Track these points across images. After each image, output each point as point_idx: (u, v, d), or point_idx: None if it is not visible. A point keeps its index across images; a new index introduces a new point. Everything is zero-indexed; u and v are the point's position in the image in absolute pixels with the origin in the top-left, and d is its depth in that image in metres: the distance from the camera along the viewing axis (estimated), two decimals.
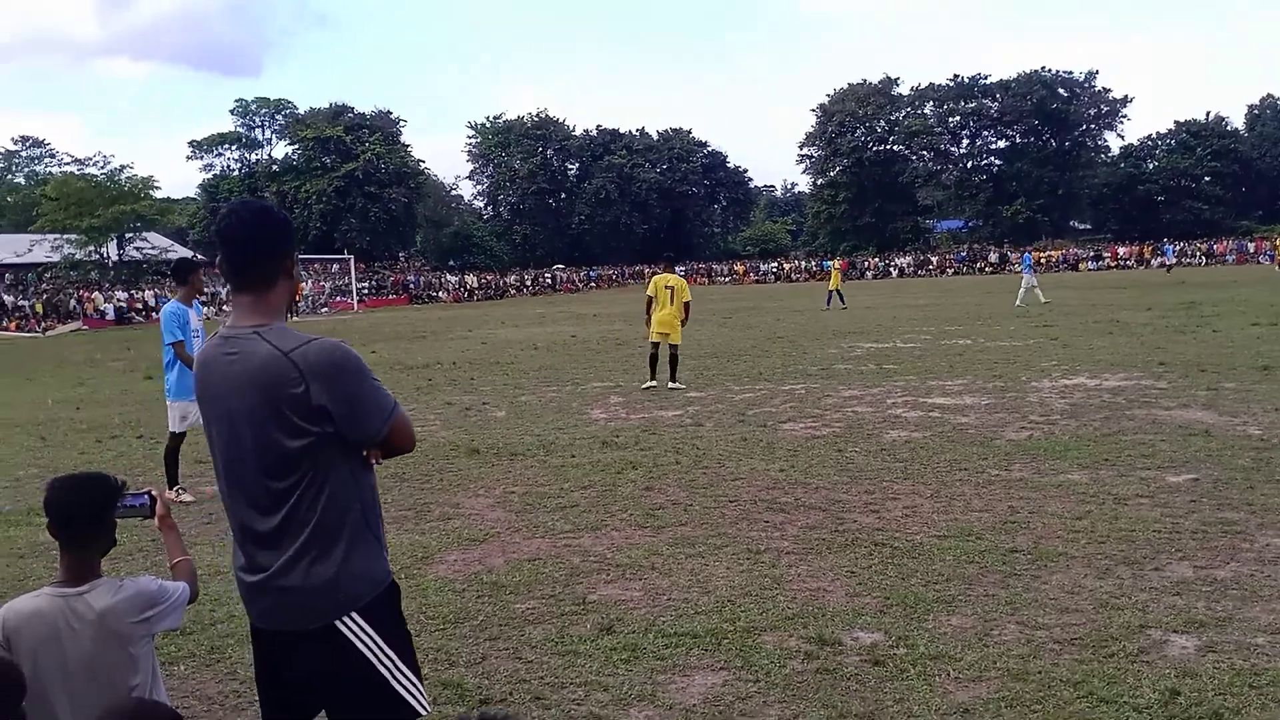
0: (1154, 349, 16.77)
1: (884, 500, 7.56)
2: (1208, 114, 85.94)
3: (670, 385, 14.31)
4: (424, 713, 2.96)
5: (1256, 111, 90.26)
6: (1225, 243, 69.75)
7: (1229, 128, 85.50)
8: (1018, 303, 30.89)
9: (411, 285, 66.23)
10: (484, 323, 35.57)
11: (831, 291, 34.71)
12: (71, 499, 2.95)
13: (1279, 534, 6.26)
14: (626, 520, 7.30)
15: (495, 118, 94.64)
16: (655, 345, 14.67)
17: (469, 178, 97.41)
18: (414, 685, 2.92)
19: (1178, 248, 64.21)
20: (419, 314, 46.42)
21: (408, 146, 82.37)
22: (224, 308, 40.52)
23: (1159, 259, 63.05)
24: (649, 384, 14.41)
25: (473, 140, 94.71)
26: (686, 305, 14.65)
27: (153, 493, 3.17)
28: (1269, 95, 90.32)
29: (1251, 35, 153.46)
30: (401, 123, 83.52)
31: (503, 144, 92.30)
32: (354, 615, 2.80)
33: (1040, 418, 10.77)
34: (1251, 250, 67.04)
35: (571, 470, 9.16)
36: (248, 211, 2.81)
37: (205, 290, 8.22)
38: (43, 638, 2.89)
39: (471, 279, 70.08)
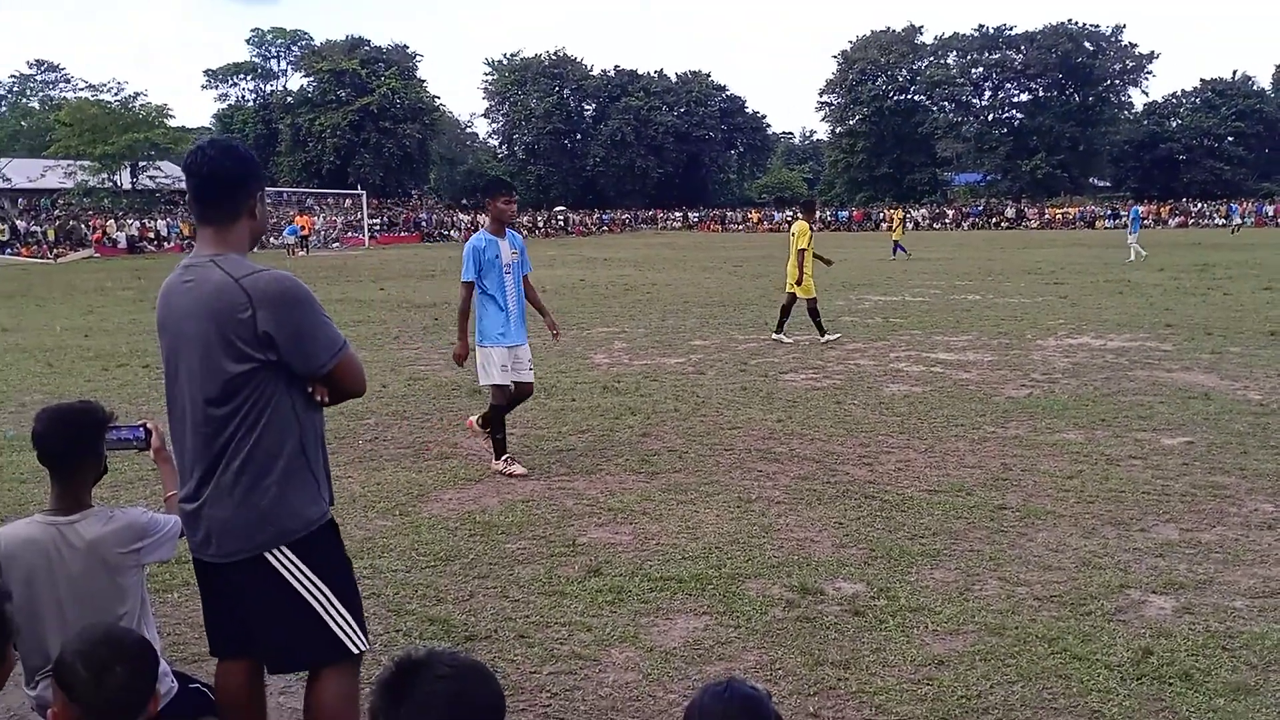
0: (1162, 310, 16.70)
1: (878, 454, 7.61)
2: (1234, 73, 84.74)
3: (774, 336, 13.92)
4: (357, 652, 2.94)
5: None
6: (1245, 204, 68.95)
7: (1255, 87, 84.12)
8: (1139, 256, 30.21)
9: (424, 223, 65.87)
10: None
11: (895, 242, 34.57)
12: (58, 430, 2.97)
13: (1267, 499, 6.29)
14: (621, 465, 7.37)
15: (512, 55, 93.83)
16: (798, 299, 13.94)
17: (484, 115, 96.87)
18: (350, 624, 2.91)
19: (1241, 208, 63.09)
20: (430, 252, 46.27)
21: (424, 82, 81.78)
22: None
23: (1227, 221, 61.06)
24: (828, 338, 13.69)
25: (489, 78, 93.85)
26: (801, 254, 13.68)
27: (147, 425, 3.21)
28: None
29: None
30: (418, 57, 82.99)
31: (519, 82, 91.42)
32: (283, 549, 2.82)
33: (1042, 376, 10.78)
34: (1270, 213, 66.22)
35: (570, 414, 9.23)
36: (214, 148, 2.87)
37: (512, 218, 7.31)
38: (35, 564, 2.93)
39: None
